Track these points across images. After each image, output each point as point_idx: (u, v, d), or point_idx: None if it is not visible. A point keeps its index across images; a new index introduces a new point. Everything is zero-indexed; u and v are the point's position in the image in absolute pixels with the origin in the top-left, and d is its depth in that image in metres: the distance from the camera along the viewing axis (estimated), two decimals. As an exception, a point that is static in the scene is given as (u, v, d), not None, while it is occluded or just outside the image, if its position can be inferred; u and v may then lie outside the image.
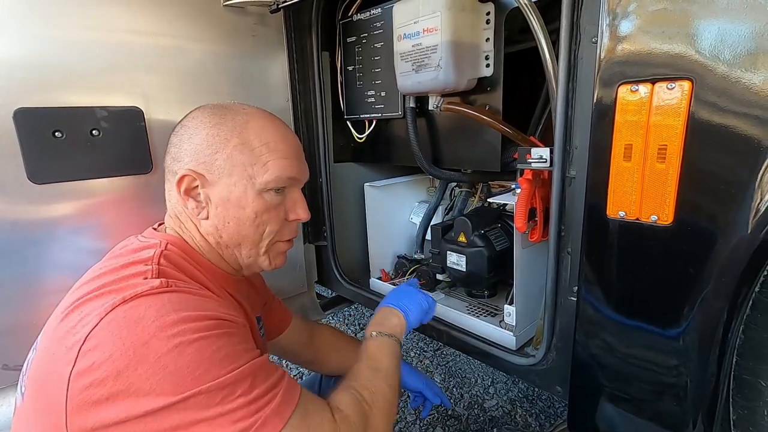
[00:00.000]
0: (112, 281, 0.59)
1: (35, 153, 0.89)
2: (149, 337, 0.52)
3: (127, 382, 0.51)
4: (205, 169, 0.70)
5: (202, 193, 0.71)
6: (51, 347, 0.57)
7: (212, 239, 0.73)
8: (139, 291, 0.56)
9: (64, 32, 0.92)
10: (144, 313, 0.54)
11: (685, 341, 0.68)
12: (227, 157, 0.70)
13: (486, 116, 1.01)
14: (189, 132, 0.72)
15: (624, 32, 0.65)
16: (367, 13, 1.21)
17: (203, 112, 0.74)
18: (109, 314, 0.54)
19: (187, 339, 0.54)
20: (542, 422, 1.57)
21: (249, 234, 0.74)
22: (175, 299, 0.57)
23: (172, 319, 0.54)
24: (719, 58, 0.57)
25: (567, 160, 0.81)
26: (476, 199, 1.41)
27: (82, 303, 0.57)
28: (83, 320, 0.55)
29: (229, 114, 0.73)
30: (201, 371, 0.53)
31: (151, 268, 0.61)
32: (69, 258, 0.97)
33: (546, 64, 0.82)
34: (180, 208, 0.74)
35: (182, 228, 0.74)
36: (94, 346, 0.52)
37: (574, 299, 0.84)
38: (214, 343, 0.56)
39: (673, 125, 0.62)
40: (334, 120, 1.44)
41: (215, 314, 0.59)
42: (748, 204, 0.58)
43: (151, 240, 0.70)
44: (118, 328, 0.53)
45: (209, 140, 0.71)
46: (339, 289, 1.52)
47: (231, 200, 0.71)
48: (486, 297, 1.31)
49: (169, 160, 0.74)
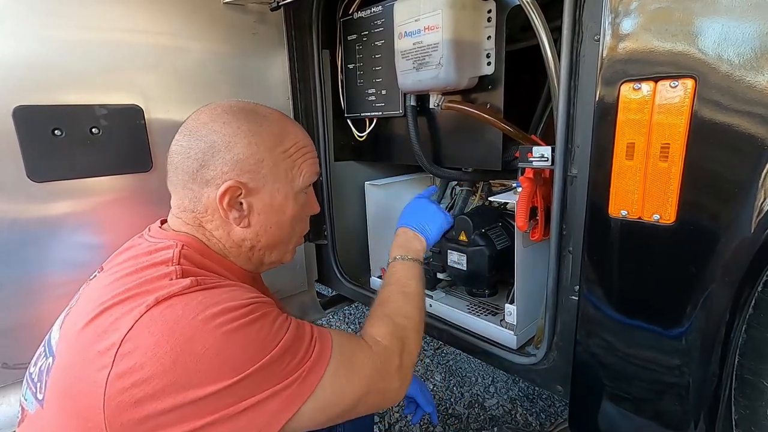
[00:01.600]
0: (137, 284, 0.59)
1: (35, 151, 0.89)
2: (193, 332, 0.54)
3: (175, 376, 0.52)
4: (249, 177, 0.69)
5: (244, 202, 0.71)
6: (79, 353, 0.56)
7: (248, 244, 0.74)
8: (173, 291, 0.57)
9: (64, 30, 0.91)
10: (182, 312, 0.55)
11: (687, 341, 0.67)
12: (273, 165, 0.72)
13: (487, 115, 1.01)
14: (225, 140, 0.68)
15: (626, 30, 0.64)
16: (368, 11, 1.21)
17: (227, 114, 0.70)
18: (144, 316, 0.54)
19: (232, 327, 0.56)
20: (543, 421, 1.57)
21: (285, 235, 0.77)
22: (208, 295, 0.59)
23: (212, 312, 0.56)
24: (723, 56, 0.57)
25: (568, 159, 0.81)
26: (477, 198, 1.40)
27: (109, 307, 0.57)
28: (115, 324, 0.55)
29: (264, 121, 0.72)
30: (251, 352, 0.56)
31: (175, 269, 0.61)
32: (68, 256, 0.97)
33: (547, 62, 0.82)
34: (209, 216, 0.71)
35: (203, 232, 0.72)
36: (133, 348, 0.53)
37: (575, 298, 0.83)
38: (255, 325, 0.58)
39: (675, 124, 0.61)
40: (334, 118, 1.43)
41: (249, 300, 0.61)
42: (751, 203, 0.58)
43: (163, 241, 0.69)
44: (158, 328, 0.54)
45: (252, 149, 0.69)
46: (339, 287, 1.52)
47: (274, 206, 0.73)
48: (487, 296, 1.30)
49: (192, 165, 0.68)
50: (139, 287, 0.58)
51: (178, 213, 0.74)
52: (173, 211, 0.75)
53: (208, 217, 0.71)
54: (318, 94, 1.35)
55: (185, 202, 0.72)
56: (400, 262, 0.93)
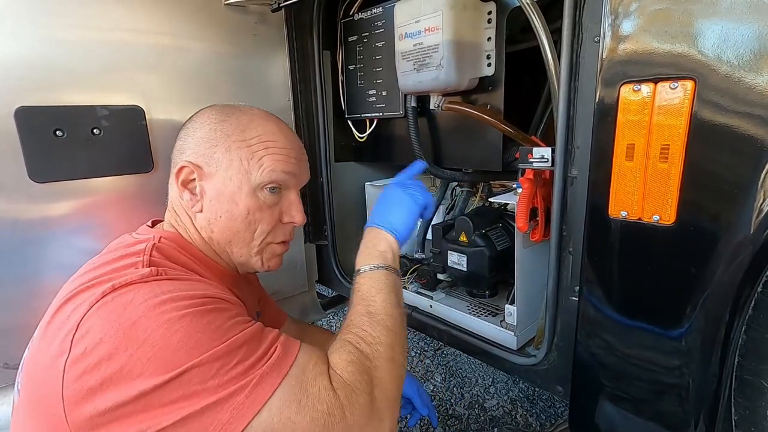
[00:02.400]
0: (103, 273, 0.59)
1: (36, 152, 0.89)
2: (137, 317, 0.52)
3: (119, 364, 0.50)
4: (203, 161, 0.72)
5: (198, 185, 0.72)
6: (45, 341, 0.56)
7: (205, 233, 0.74)
8: (129, 279, 0.56)
9: (65, 31, 0.91)
10: (133, 297, 0.54)
11: (687, 341, 0.67)
12: (225, 151, 0.72)
13: (487, 116, 1.01)
14: (195, 126, 0.75)
15: (626, 31, 0.65)
16: (369, 12, 1.21)
17: (211, 110, 0.77)
18: (99, 301, 0.54)
19: (177, 315, 0.53)
20: (543, 422, 1.57)
21: (240, 231, 0.73)
22: (164, 285, 0.57)
23: (161, 299, 0.54)
24: (722, 58, 0.57)
25: (569, 160, 0.81)
26: (477, 199, 1.40)
27: (74, 295, 0.57)
28: (76, 310, 0.55)
29: (235, 113, 0.75)
30: (192, 344, 0.52)
31: (142, 260, 0.61)
32: (69, 257, 0.97)
33: (548, 64, 0.82)
34: (177, 200, 0.75)
35: (178, 221, 0.75)
36: (85, 332, 0.52)
37: (575, 299, 0.83)
38: (205, 317, 0.54)
39: (675, 125, 0.62)
40: (335, 119, 1.44)
41: (205, 293, 0.58)
42: (751, 204, 0.58)
43: (144, 236, 0.71)
44: (107, 312, 0.53)
45: (211, 134, 0.73)
46: (340, 288, 1.52)
47: (225, 194, 0.72)
48: (487, 297, 1.30)
49: (174, 153, 0.76)
50: (105, 275, 0.58)
51: (167, 205, 0.78)
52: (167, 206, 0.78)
53: (176, 203, 0.75)
54: (318, 95, 1.35)
55: (170, 190, 0.77)
56: (362, 275, 0.77)
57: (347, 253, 1.53)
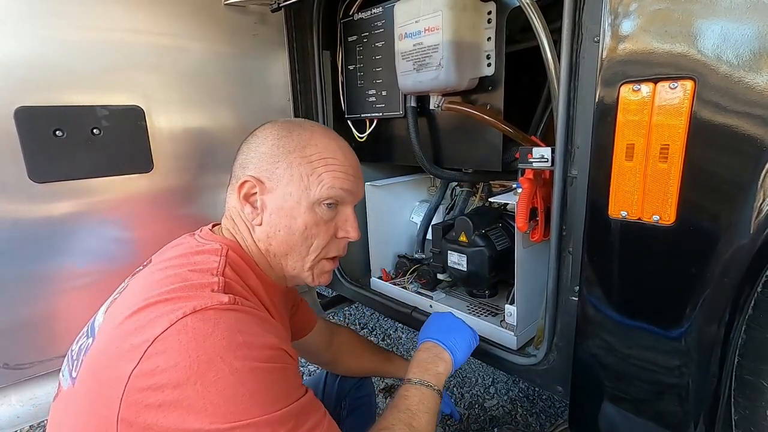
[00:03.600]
0: (181, 287, 0.60)
1: (36, 152, 0.89)
2: (214, 355, 0.54)
3: (184, 394, 0.52)
4: (265, 176, 0.74)
5: (259, 199, 0.74)
6: (115, 341, 0.58)
7: (262, 245, 0.75)
8: (209, 304, 0.57)
9: (65, 31, 0.91)
10: (213, 330, 0.55)
11: (687, 341, 0.67)
12: (287, 167, 0.73)
13: (487, 116, 1.01)
14: (258, 141, 0.76)
15: (626, 31, 0.65)
16: (368, 12, 1.21)
17: (273, 125, 0.78)
18: (179, 322, 0.55)
19: (249, 366, 0.55)
20: (543, 422, 1.57)
21: (297, 245, 0.75)
22: (241, 319, 0.59)
23: (238, 342, 0.56)
24: (722, 57, 0.57)
25: (568, 160, 0.81)
26: (477, 199, 1.40)
27: (152, 304, 0.58)
28: (153, 321, 0.56)
29: (296, 129, 0.77)
30: (253, 403, 0.54)
31: (218, 281, 0.62)
32: (69, 257, 0.97)
33: (547, 64, 0.82)
34: (237, 212, 0.76)
35: (236, 230, 0.76)
36: (161, 350, 0.53)
37: (575, 299, 0.83)
38: (270, 376, 0.57)
39: (675, 125, 0.62)
40: (335, 119, 1.43)
41: (276, 343, 0.60)
42: (751, 204, 0.58)
43: (212, 244, 0.72)
44: (187, 339, 0.54)
45: (273, 150, 0.74)
46: (339, 288, 1.52)
47: (285, 209, 0.73)
48: (487, 297, 1.30)
49: (236, 167, 0.77)
50: (183, 290, 0.60)
51: (225, 213, 0.79)
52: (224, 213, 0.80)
53: (235, 213, 0.76)
54: (318, 95, 1.35)
55: (228, 200, 0.78)
56: (416, 387, 0.80)
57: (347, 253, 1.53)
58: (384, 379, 1.79)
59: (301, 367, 1.86)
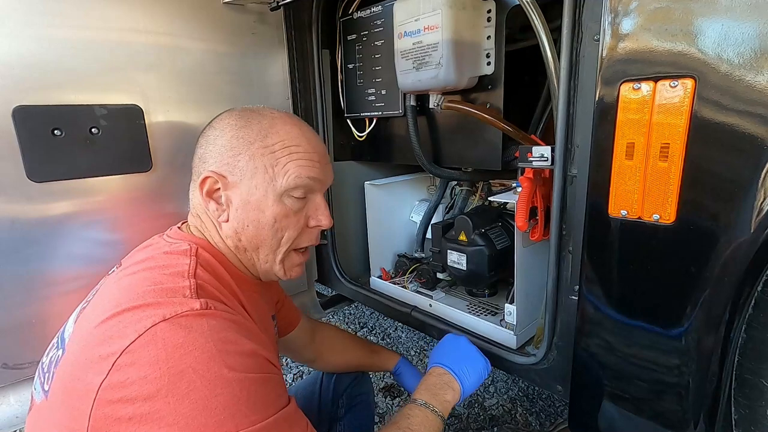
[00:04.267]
0: (152, 291, 0.58)
1: (34, 151, 0.89)
2: (186, 367, 0.51)
3: (155, 407, 0.50)
4: (227, 170, 0.70)
5: (223, 195, 0.71)
6: (84, 352, 0.56)
7: (231, 242, 0.73)
8: (180, 311, 0.55)
9: (64, 30, 0.91)
10: (184, 339, 0.53)
11: (687, 341, 0.67)
12: (249, 159, 0.70)
13: (487, 114, 1.01)
14: (215, 134, 0.73)
15: (626, 30, 0.64)
16: (368, 11, 1.21)
17: (230, 114, 0.74)
18: (149, 331, 0.53)
19: (223, 377, 0.53)
20: (542, 421, 1.57)
21: (267, 238, 0.73)
22: (215, 326, 0.56)
23: (211, 351, 0.53)
24: (722, 56, 0.57)
25: (568, 159, 0.81)
26: (477, 198, 1.40)
27: (120, 312, 0.56)
28: (121, 332, 0.54)
29: (255, 117, 0.73)
30: (226, 416, 0.52)
31: (189, 284, 0.60)
32: (68, 257, 0.97)
33: (547, 62, 0.82)
34: (202, 209, 0.73)
35: (204, 228, 0.74)
36: (130, 362, 0.51)
37: (575, 298, 0.83)
38: (248, 386, 0.54)
39: (675, 124, 0.61)
40: (334, 118, 1.43)
41: (254, 349, 0.58)
42: (751, 203, 0.58)
43: (180, 244, 0.69)
44: (157, 349, 0.52)
45: (233, 142, 0.71)
46: (339, 287, 1.52)
47: (251, 203, 0.71)
48: (486, 296, 1.30)
49: (195, 161, 0.74)
50: (153, 296, 0.57)
51: (191, 210, 0.77)
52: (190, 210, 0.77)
53: (200, 210, 0.74)
54: (318, 94, 1.35)
55: (192, 197, 0.75)
56: (420, 409, 0.79)
57: (346, 252, 1.53)
58: (384, 378, 1.79)
59: (291, 368, 1.86)
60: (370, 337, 2.12)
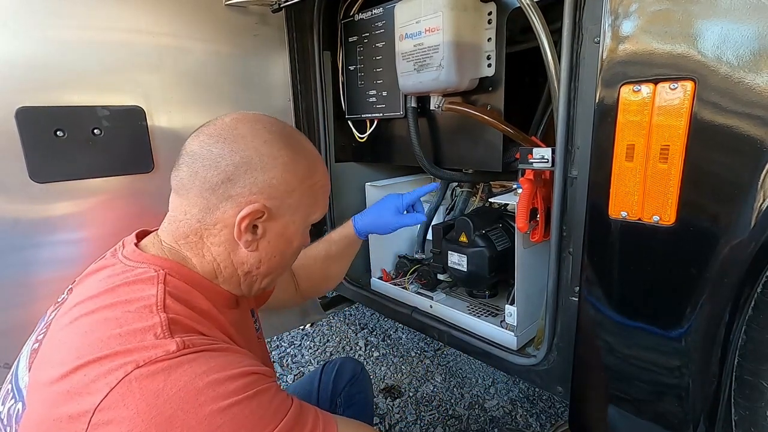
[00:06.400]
0: (117, 336, 0.51)
1: (37, 152, 0.89)
2: (173, 411, 0.47)
3: None
4: (274, 204, 0.66)
5: (261, 226, 0.66)
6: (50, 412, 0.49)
7: (245, 268, 0.68)
8: (154, 356, 0.49)
9: (66, 32, 0.92)
10: (164, 384, 0.48)
11: (687, 342, 0.67)
12: (300, 196, 0.68)
13: (487, 116, 1.01)
14: (263, 161, 0.64)
15: (626, 32, 0.65)
16: (369, 13, 1.21)
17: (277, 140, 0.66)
18: (122, 382, 0.47)
19: (218, 407, 0.48)
20: (543, 422, 1.57)
21: (286, 267, 0.73)
22: (196, 361, 0.51)
23: (198, 387, 0.48)
24: (722, 58, 0.57)
25: (569, 160, 0.81)
26: (477, 199, 1.41)
27: (85, 364, 0.49)
28: (89, 387, 0.48)
29: (301, 151, 0.69)
30: None
31: (160, 320, 0.53)
32: (70, 257, 0.97)
33: (548, 64, 0.82)
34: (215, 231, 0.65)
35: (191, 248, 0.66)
36: (107, 420, 0.46)
37: (575, 299, 0.83)
38: (247, 407, 0.51)
39: (675, 125, 0.62)
40: (335, 120, 1.44)
41: (246, 369, 0.54)
42: (751, 205, 0.58)
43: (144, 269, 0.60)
44: (135, 401, 0.46)
45: (286, 177, 0.66)
46: (340, 288, 1.52)
47: (285, 236, 0.69)
48: (487, 297, 1.30)
49: (218, 176, 0.62)
50: (119, 341, 0.51)
51: (179, 216, 0.66)
52: (171, 214, 0.68)
53: (215, 231, 0.65)
54: (319, 96, 1.35)
55: (194, 210, 0.64)
56: None
57: (347, 253, 1.53)
58: (384, 379, 1.78)
59: (292, 368, 1.86)
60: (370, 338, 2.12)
